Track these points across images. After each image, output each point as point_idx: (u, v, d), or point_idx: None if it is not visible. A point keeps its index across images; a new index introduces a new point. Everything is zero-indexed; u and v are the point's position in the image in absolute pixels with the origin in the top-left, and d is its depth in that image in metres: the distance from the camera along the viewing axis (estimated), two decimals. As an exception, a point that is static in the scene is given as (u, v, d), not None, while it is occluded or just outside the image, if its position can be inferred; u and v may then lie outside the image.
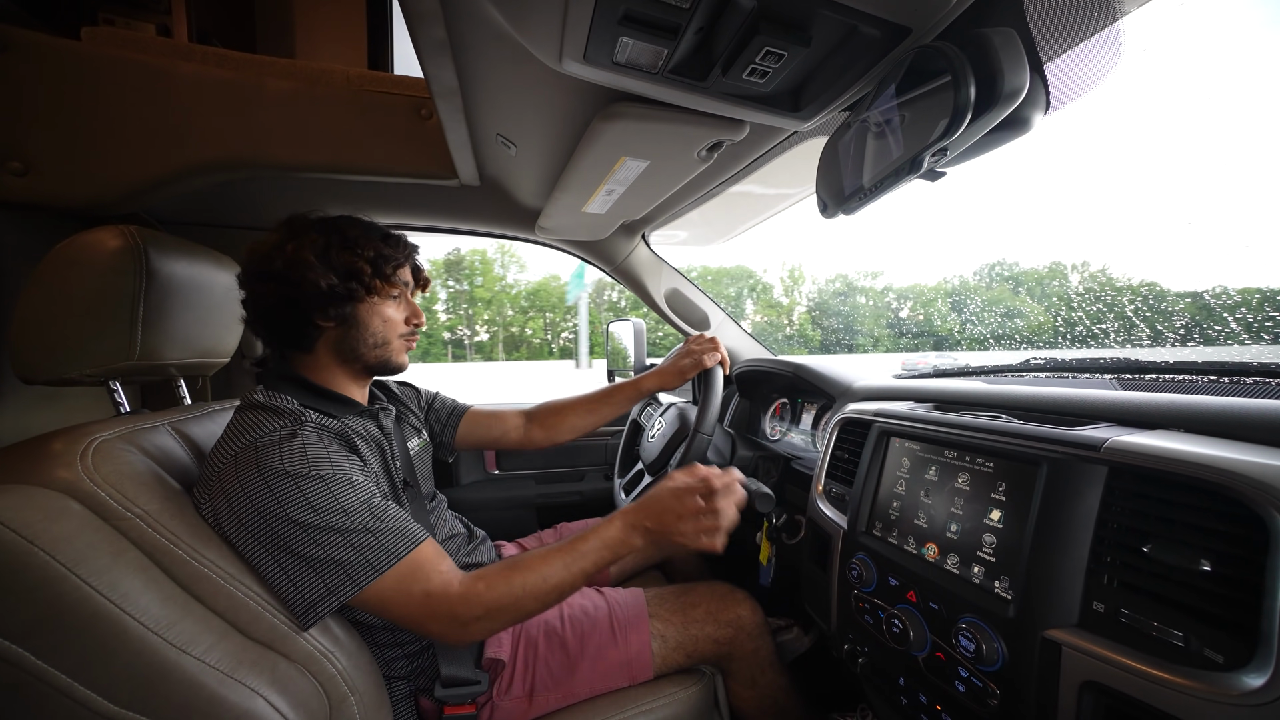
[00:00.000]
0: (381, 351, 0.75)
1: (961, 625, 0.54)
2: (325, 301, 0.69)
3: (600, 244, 1.33)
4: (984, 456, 0.59)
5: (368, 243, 0.72)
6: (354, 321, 0.72)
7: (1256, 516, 0.38)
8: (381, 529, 0.60)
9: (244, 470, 0.57)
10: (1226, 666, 0.37)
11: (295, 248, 0.68)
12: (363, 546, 0.58)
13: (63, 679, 0.43)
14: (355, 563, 0.58)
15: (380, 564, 0.58)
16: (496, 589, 0.62)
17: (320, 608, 0.57)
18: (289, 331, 0.72)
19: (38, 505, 0.46)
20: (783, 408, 1.32)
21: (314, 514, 0.57)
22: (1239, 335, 0.83)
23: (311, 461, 0.59)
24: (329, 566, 0.57)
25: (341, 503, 0.59)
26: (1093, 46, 0.43)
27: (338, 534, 0.57)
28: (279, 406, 0.65)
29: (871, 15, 0.44)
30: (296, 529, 0.56)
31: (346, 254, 0.69)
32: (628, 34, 0.46)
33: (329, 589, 0.57)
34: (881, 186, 0.53)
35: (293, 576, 0.57)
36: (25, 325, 0.60)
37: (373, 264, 0.71)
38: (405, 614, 0.60)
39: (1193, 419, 0.50)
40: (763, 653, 0.89)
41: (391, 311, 0.76)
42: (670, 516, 0.64)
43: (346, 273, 0.69)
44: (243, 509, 0.56)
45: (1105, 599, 0.45)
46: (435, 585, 0.61)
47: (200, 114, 0.82)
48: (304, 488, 0.57)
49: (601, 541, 0.66)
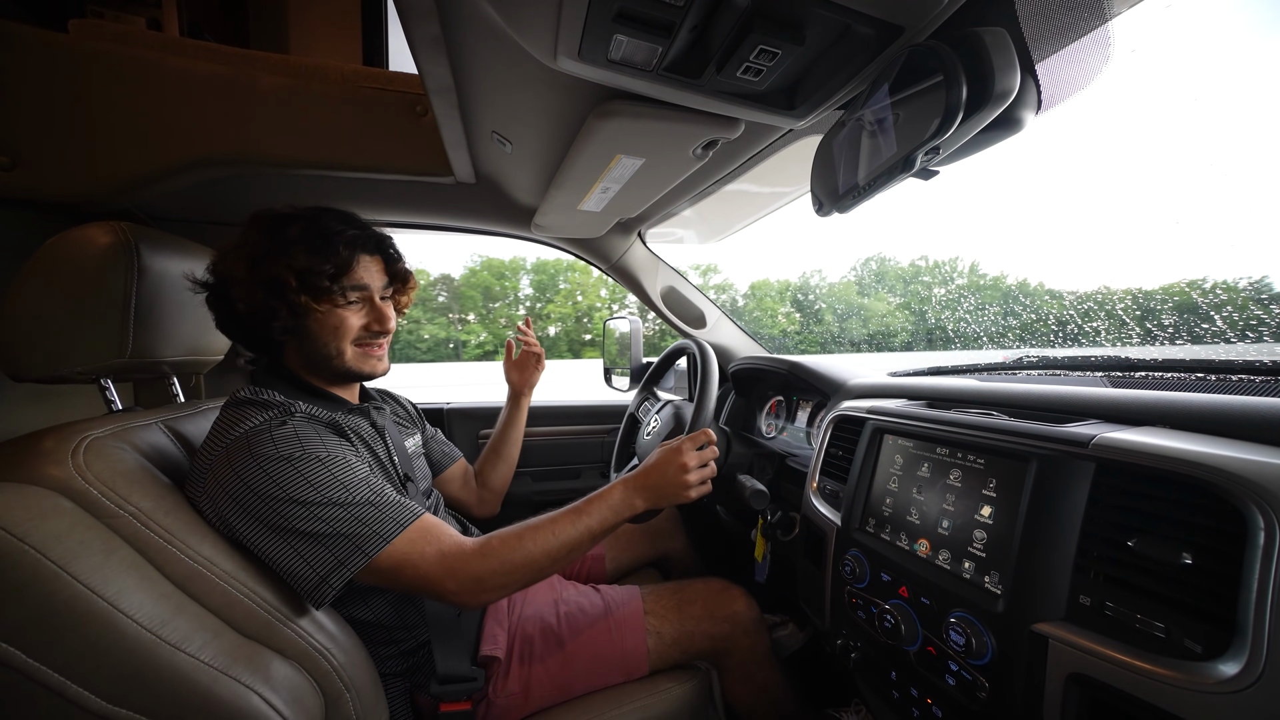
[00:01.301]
0: (337, 363, 0.70)
1: (952, 620, 0.54)
2: (255, 322, 0.65)
3: (596, 242, 1.33)
4: (975, 453, 0.60)
5: (297, 251, 0.64)
6: (304, 333, 0.68)
7: (1235, 510, 0.39)
8: (383, 502, 0.60)
9: (237, 459, 0.57)
10: (1205, 656, 0.38)
11: (233, 259, 0.65)
12: (367, 519, 0.58)
13: (55, 677, 0.43)
14: (362, 534, 0.58)
15: (387, 533, 0.59)
16: (511, 546, 0.63)
17: (333, 580, 0.56)
18: (250, 344, 0.71)
19: (29, 503, 0.46)
20: (778, 405, 1.32)
21: (314, 490, 0.57)
22: (1225, 334, 0.85)
23: (305, 445, 0.59)
24: (336, 540, 0.57)
25: (340, 479, 0.59)
26: (1083, 47, 0.44)
27: (340, 508, 0.57)
28: (267, 400, 0.65)
29: (865, 14, 0.44)
30: (299, 507, 0.56)
31: (276, 264, 0.63)
32: (622, 31, 0.46)
33: (339, 560, 0.57)
34: (875, 185, 0.53)
35: (302, 553, 0.56)
36: (14, 322, 0.60)
37: (300, 277, 0.64)
38: (420, 575, 0.60)
39: (1178, 416, 0.51)
40: (758, 648, 0.90)
41: (344, 317, 0.69)
42: (664, 478, 0.73)
43: (271, 288, 0.63)
44: (243, 496, 0.56)
45: (1091, 593, 0.46)
46: (448, 545, 0.61)
47: (192, 109, 0.81)
48: (300, 468, 0.57)
49: (606, 504, 0.70)
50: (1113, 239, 39.34)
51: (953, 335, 2.11)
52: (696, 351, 1.04)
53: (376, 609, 0.72)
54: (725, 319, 1.50)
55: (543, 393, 1.30)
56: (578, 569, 1.13)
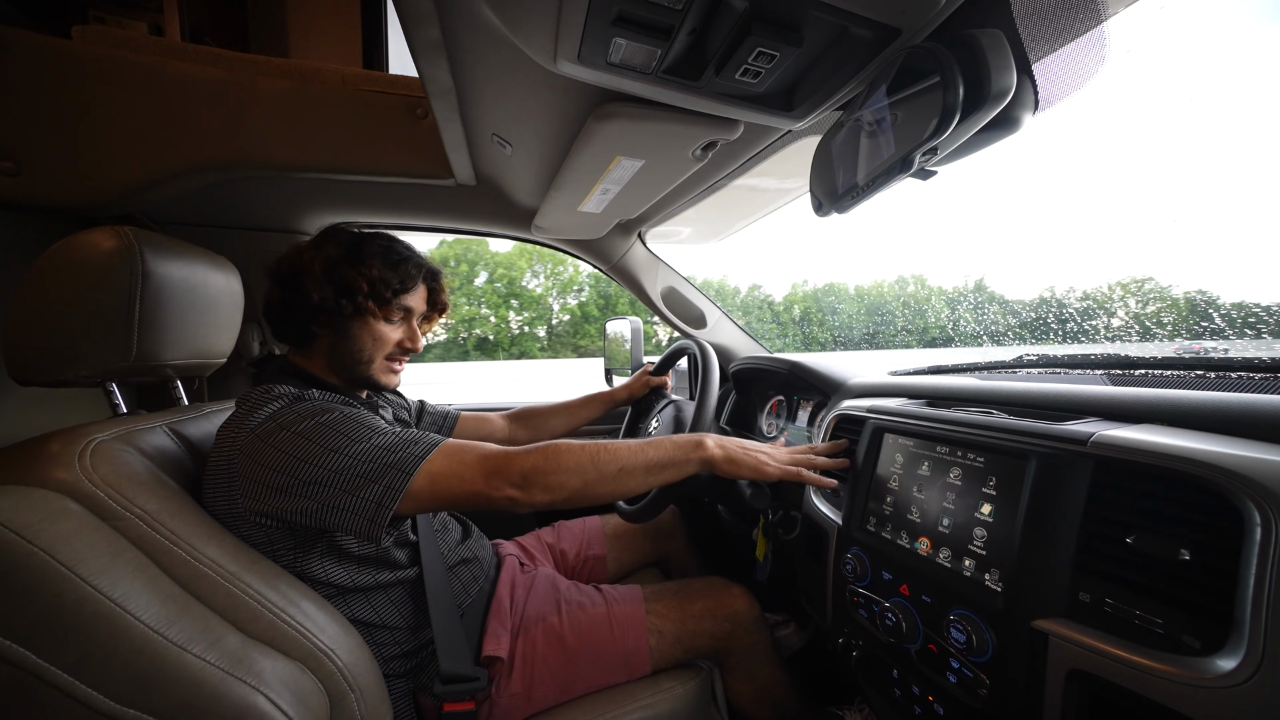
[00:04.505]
0: (365, 368, 0.76)
1: (953, 617, 0.55)
2: (317, 312, 0.71)
3: (596, 243, 1.33)
4: (975, 451, 0.60)
5: (374, 263, 0.73)
6: (345, 333, 0.74)
7: (1232, 506, 0.39)
8: (412, 436, 0.63)
9: (269, 437, 0.60)
10: (1203, 651, 0.38)
11: (310, 257, 0.72)
12: (402, 446, 0.61)
13: (63, 678, 0.43)
14: (400, 459, 0.60)
15: (422, 452, 0.61)
16: (561, 448, 0.64)
17: (387, 505, 0.57)
18: (287, 330, 0.75)
19: (36, 506, 0.46)
20: (779, 405, 1.33)
21: (346, 440, 0.59)
22: (1224, 331, 0.85)
23: (327, 409, 0.63)
24: (379, 472, 0.59)
25: (369, 425, 0.62)
26: (1079, 47, 0.44)
27: (375, 447, 0.60)
28: (280, 392, 0.67)
29: (862, 16, 0.44)
30: (335, 455, 0.58)
31: (351, 271, 0.71)
32: (621, 34, 0.46)
33: (386, 486, 0.58)
34: (874, 185, 0.53)
35: (349, 494, 0.57)
36: (20, 327, 0.60)
37: (371, 285, 0.72)
38: (465, 482, 0.61)
39: (1176, 413, 0.51)
40: (760, 647, 0.90)
41: (386, 331, 0.77)
42: (746, 449, 0.74)
43: (343, 288, 0.71)
44: (283, 464, 0.58)
45: (1091, 589, 0.46)
46: (488, 449, 0.63)
47: (193, 114, 0.82)
48: (329, 423, 0.61)
49: (673, 442, 0.70)
50: (1117, 238, 39.29)
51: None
52: (697, 351, 1.04)
53: (380, 610, 0.73)
54: (726, 319, 1.50)
55: (538, 393, 1.32)
56: (579, 568, 1.13)
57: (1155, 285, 2.16)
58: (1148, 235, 31.84)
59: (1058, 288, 3.70)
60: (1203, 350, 0.90)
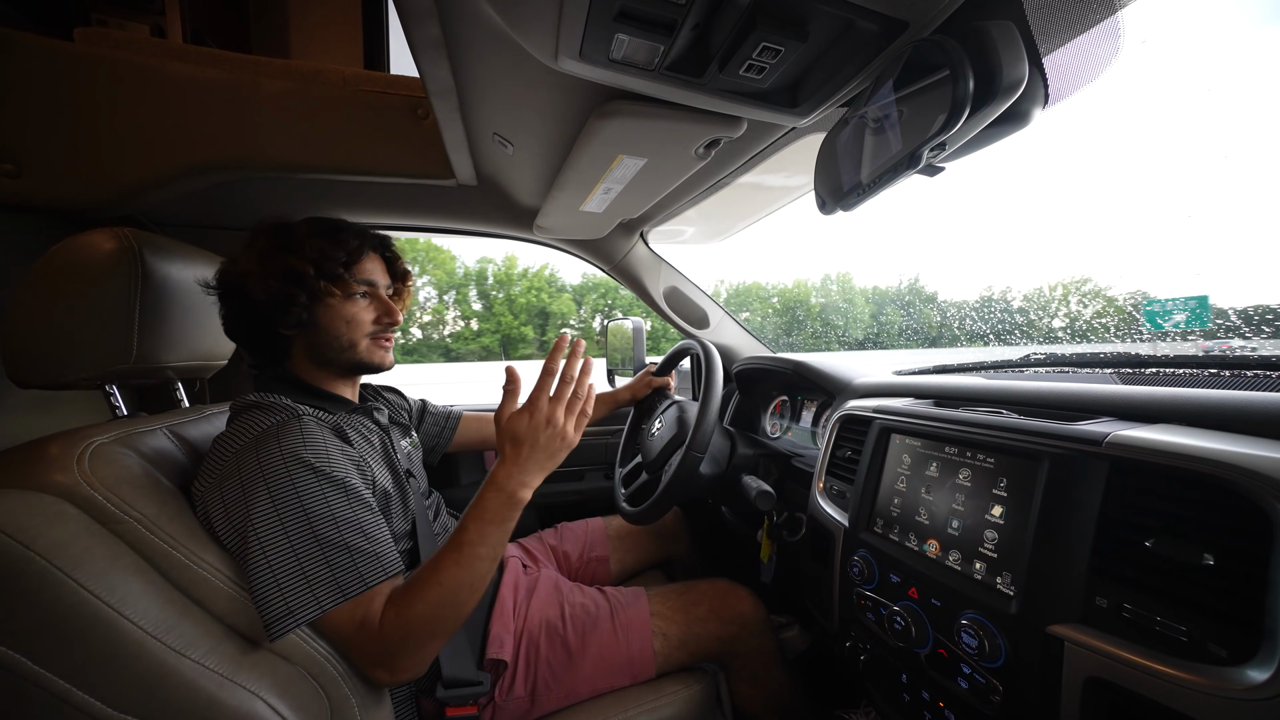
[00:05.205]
0: (350, 354, 0.73)
1: (963, 622, 0.54)
2: (273, 310, 0.66)
3: (598, 243, 1.33)
4: (985, 452, 0.59)
5: (310, 242, 0.67)
6: (315, 326, 0.70)
7: (1259, 509, 0.38)
8: (364, 554, 0.57)
9: (246, 461, 0.57)
10: (1231, 661, 0.37)
11: (245, 259, 0.68)
12: (354, 562, 0.56)
13: (61, 684, 0.42)
14: (346, 578, 0.55)
15: (350, 588, 0.55)
16: (410, 616, 0.57)
17: (297, 617, 0.53)
18: (259, 346, 0.71)
19: (34, 510, 0.45)
20: (783, 405, 1.31)
21: (307, 525, 0.55)
22: (1241, 329, 0.83)
23: (308, 443, 0.59)
24: (316, 573, 0.54)
25: (332, 508, 0.57)
26: (1092, 39, 0.43)
27: (321, 545, 0.55)
28: (273, 404, 0.65)
29: (868, 9, 0.43)
30: (285, 540, 0.54)
31: (289, 256, 0.66)
32: (623, 31, 0.45)
33: (313, 597, 0.53)
34: (880, 182, 0.52)
35: (278, 586, 0.53)
36: (19, 329, 0.60)
37: (316, 264, 0.67)
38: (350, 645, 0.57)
39: (1194, 412, 0.50)
40: (765, 649, 0.89)
41: (355, 311, 0.72)
42: (537, 444, 0.63)
43: (288, 277, 0.66)
44: (242, 518, 0.55)
45: (1108, 594, 0.45)
46: (373, 626, 0.56)
47: (194, 115, 0.81)
48: (295, 475, 0.56)
49: (480, 520, 0.61)
50: (1123, 235, 39.02)
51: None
52: (700, 352, 1.03)
53: None
54: (729, 319, 1.49)
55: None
56: (582, 570, 1.13)
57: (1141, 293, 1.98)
58: (1147, 236, 31.54)
59: (999, 287, 3.58)
60: (1230, 350, 0.88)
